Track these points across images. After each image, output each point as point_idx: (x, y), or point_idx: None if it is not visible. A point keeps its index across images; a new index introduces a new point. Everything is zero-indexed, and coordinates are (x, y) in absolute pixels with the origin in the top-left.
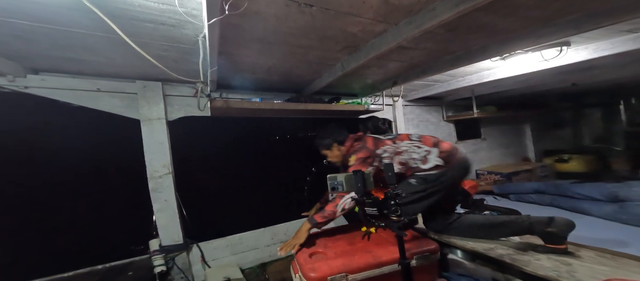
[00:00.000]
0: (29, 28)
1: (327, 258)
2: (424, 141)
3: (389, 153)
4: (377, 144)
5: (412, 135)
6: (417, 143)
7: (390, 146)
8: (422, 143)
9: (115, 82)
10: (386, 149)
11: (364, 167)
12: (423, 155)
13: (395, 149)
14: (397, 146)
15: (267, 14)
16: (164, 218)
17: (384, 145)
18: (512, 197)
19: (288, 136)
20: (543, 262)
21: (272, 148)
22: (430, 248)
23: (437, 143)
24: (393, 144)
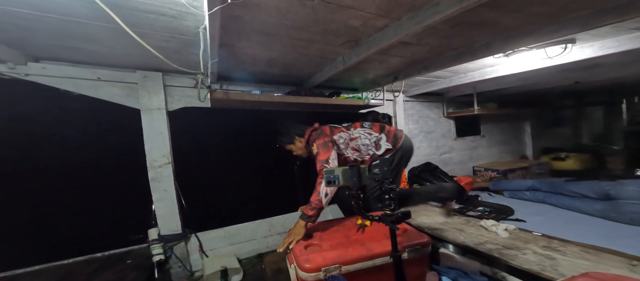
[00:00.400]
0: (30, 16)
1: (322, 250)
2: (374, 128)
3: (343, 139)
4: (333, 131)
5: (364, 123)
6: (368, 129)
7: (345, 132)
8: (372, 130)
9: (116, 72)
10: (341, 135)
11: (327, 151)
12: (374, 140)
13: (349, 136)
14: (350, 134)
15: (269, 6)
16: (163, 207)
17: (339, 132)
18: (506, 194)
19: None
20: (528, 256)
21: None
22: (421, 241)
23: (383, 128)
24: (347, 132)
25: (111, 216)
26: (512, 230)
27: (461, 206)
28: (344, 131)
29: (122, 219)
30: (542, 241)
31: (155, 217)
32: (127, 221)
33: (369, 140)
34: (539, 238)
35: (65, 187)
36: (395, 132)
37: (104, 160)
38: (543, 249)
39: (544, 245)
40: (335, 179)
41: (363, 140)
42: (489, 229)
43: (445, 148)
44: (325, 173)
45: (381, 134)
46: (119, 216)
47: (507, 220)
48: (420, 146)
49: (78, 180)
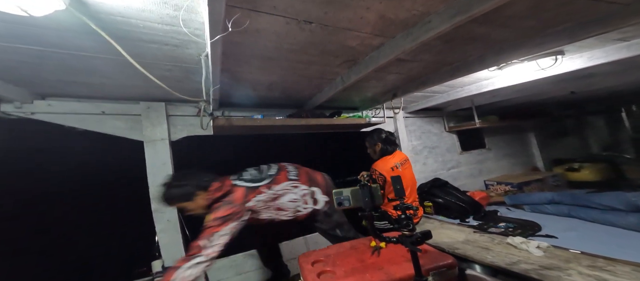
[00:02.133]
0: (37, 53)
1: (337, 277)
2: (301, 179)
3: (263, 201)
4: (248, 195)
5: (289, 173)
6: (294, 181)
7: (265, 193)
8: (299, 182)
9: (120, 105)
10: (259, 198)
11: (222, 224)
12: (303, 195)
13: (271, 195)
14: (274, 191)
15: (268, 31)
16: (167, 238)
17: (258, 194)
18: (526, 208)
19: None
20: (575, 278)
21: None
22: (447, 262)
23: (313, 182)
24: (268, 191)
25: (115, 249)
26: (545, 248)
27: (480, 222)
28: (265, 191)
29: (125, 252)
30: (584, 260)
31: (159, 248)
32: (130, 254)
33: (296, 195)
34: (579, 256)
35: (68, 221)
36: (326, 182)
37: (107, 194)
38: (589, 269)
39: (588, 264)
40: (345, 200)
41: (289, 196)
42: (519, 248)
43: (452, 163)
44: (334, 195)
45: (311, 187)
46: (122, 249)
47: (537, 236)
48: (426, 162)
49: (81, 214)
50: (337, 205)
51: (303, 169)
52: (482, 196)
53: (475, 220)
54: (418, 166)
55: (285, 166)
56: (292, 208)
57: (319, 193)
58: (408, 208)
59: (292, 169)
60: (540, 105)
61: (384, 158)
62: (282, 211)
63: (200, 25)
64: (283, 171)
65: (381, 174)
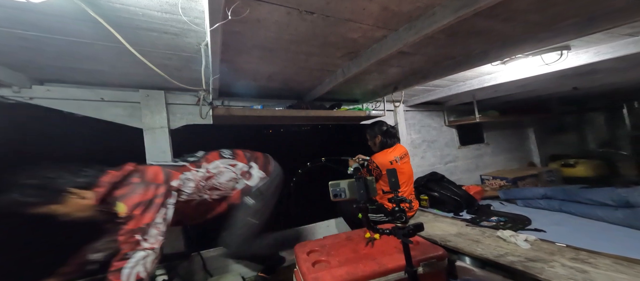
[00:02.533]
0: (35, 38)
1: (331, 267)
2: (238, 157)
3: (193, 181)
4: (172, 173)
5: (223, 152)
6: (230, 160)
7: (193, 171)
8: (236, 160)
9: (119, 92)
10: (187, 177)
11: (151, 212)
12: (241, 171)
13: (203, 175)
14: (205, 170)
15: (268, 21)
16: None
17: (185, 172)
18: (519, 203)
19: (289, 143)
20: (557, 270)
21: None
22: (437, 254)
23: (252, 157)
24: (198, 170)
25: None
26: (533, 241)
27: (473, 216)
28: (192, 169)
29: None
30: (568, 252)
31: None
32: None
33: (235, 173)
34: (564, 249)
35: None
36: (266, 159)
37: None
38: (571, 261)
39: (571, 256)
40: (341, 192)
41: (227, 175)
42: (508, 241)
43: (449, 157)
44: (331, 187)
45: (250, 162)
46: None
47: (526, 230)
48: (424, 155)
49: None
50: (332, 197)
51: (241, 150)
52: (477, 190)
53: (469, 214)
54: (416, 159)
55: (218, 151)
56: (229, 187)
57: (256, 168)
58: (402, 201)
59: (227, 150)
60: (541, 101)
61: (384, 150)
62: (216, 191)
63: (200, 13)
64: (215, 151)
65: (378, 167)
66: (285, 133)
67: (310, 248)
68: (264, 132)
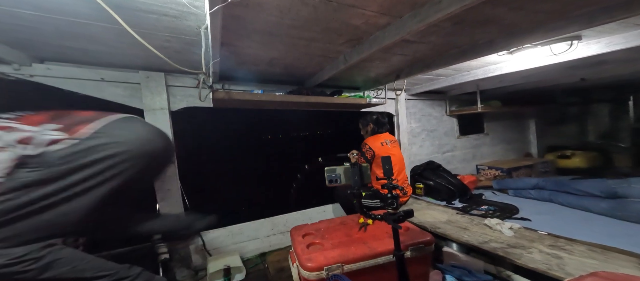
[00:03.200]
0: (34, 18)
1: (324, 249)
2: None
3: None
4: None
5: None
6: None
7: None
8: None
9: (119, 72)
10: None
11: None
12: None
13: None
14: None
15: (270, 5)
16: (167, 207)
17: None
18: (510, 193)
19: (289, 129)
20: (534, 256)
21: (274, 140)
22: (424, 240)
23: (57, 116)
24: None
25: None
26: (517, 229)
27: (465, 205)
28: None
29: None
30: (548, 240)
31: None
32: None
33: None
34: (544, 237)
35: None
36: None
37: None
38: (549, 248)
39: (550, 243)
40: (336, 178)
41: None
42: (494, 228)
43: (448, 146)
44: (326, 172)
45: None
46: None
47: (512, 219)
48: (422, 144)
49: None
50: (328, 182)
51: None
52: (471, 179)
53: (461, 202)
54: (414, 148)
55: None
56: None
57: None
58: (395, 187)
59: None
60: (546, 92)
61: (375, 135)
62: None
63: None
64: None
65: (371, 148)
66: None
67: (306, 231)
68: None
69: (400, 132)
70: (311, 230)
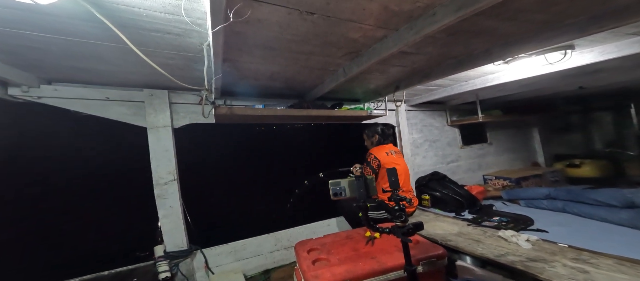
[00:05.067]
0: (42, 39)
1: (331, 265)
2: None
3: None
4: None
5: None
6: None
7: None
8: None
9: (124, 91)
10: None
11: None
12: None
13: None
14: None
15: (270, 21)
16: (169, 224)
17: None
18: (522, 203)
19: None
20: (558, 270)
21: (276, 154)
22: (436, 253)
23: None
24: None
25: (117, 233)
26: (534, 241)
27: (475, 216)
28: None
29: (128, 237)
30: (570, 253)
31: (161, 234)
32: (133, 239)
33: None
34: (565, 249)
35: (72, 205)
36: None
37: (110, 178)
38: (573, 262)
39: (572, 257)
40: (341, 191)
41: None
42: (509, 241)
43: (452, 157)
44: (331, 185)
45: None
46: (125, 234)
47: (528, 230)
48: (426, 155)
49: (85, 198)
50: (333, 196)
51: None
52: (479, 190)
53: (471, 214)
54: (418, 159)
55: None
56: None
57: None
58: (401, 199)
59: None
60: (546, 100)
61: (380, 146)
62: None
63: (202, 14)
64: None
65: (376, 158)
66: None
67: (311, 246)
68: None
69: (402, 143)
70: (316, 245)
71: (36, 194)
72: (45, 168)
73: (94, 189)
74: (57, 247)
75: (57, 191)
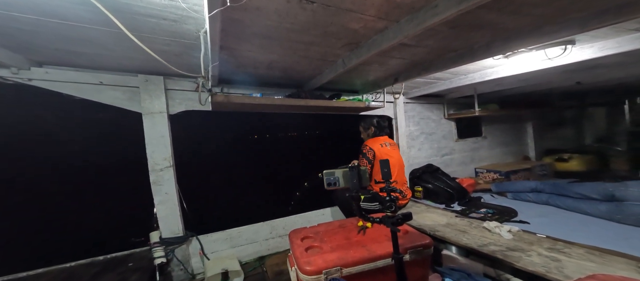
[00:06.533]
0: (33, 21)
1: (323, 252)
2: None
3: None
4: None
5: None
6: None
7: None
8: None
9: (118, 76)
10: None
11: None
12: None
13: None
14: None
15: (268, 9)
16: (165, 210)
17: None
18: (509, 196)
19: (288, 132)
20: (533, 258)
21: (272, 143)
22: (423, 243)
23: None
24: None
25: (113, 219)
26: (515, 232)
27: (464, 208)
28: None
29: (123, 222)
30: (546, 243)
31: (156, 220)
32: (128, 224)
33: None
34: (543, 239)
35: (67, 190)
36: None
37: (105, 164)
38: (548, 251)
39: (548, 246)
40: (335, 181)
41: None
42: (492, 231)
43: (446, 150)
44: (325, 175)
45: None
46: (120, 219)
47: (511, 222)
48: (421, 147)
49: (80, 183)
50: (326, 185)
51: None
52: (470, 183)
53: (460, 205)
54: (413, 151)
55: None
56: None
57: None
58: (393, 190)
59: None
60: (543, 95)
61: (375, 137)
62: None
63: (199, 0)
64: None
65: (371, 149)
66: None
67: (305, 234)
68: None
69: (399, 135)
70: (310, 233)
71: (29, 180)
72: (38, 153)
73: (89, 174)
74: (52, 232)
75: (51, 177)
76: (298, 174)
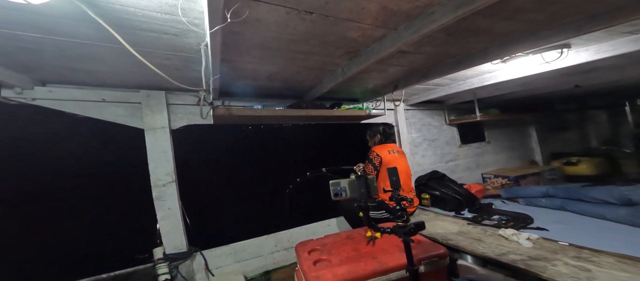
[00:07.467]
0: (36, 40)
1: (332, 265)
2: None
3: None
4: None
5: None
6: None
7: None
8: None
9: (120, 92)
10: None
11: None
12: None
13: None
14: None
15: (268, 21)
16: (168, 225)
17: None
18: (521, 201)
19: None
20: (560, 268)
21: (275, 154)
22: (438, 253)
23: None
24: None
25: (116, 235)
26: (535, 240)
27: (475, 215)
28: None
29: (127, 239)
30: (571, 251)
31: (160, 236)
32: (132, 241)
33: None
34: (566, 248)
35: (70, 208)
36: None
37: (108, 180)
38: (574, 260)
39: (573, 255)
40: (342, 191)
41: None
42: (510, 239)
43: (450, 156)
44: (331, 186)
45: None
46: (123, 236)
47: (528, 229)
48: (425, 154)
49: (82, 200)
50: (333, 196)
51: None
52: (479, 188)
53: (470, 212)
54: (417, 158)
55: None
56: None
57: None
58: (402, 199)
59: None
60: (543, 99)
61: (382, 144)
62: None
63: (199, 14)
64: None
65: (378, 155)
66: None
67: (312, 247)
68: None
69: (401, 142)
70: (317, 246)
71: (32, 197)
72: (41, 171)
73: (91, 191)
74: (54, 249)
75: (54, 194)
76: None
